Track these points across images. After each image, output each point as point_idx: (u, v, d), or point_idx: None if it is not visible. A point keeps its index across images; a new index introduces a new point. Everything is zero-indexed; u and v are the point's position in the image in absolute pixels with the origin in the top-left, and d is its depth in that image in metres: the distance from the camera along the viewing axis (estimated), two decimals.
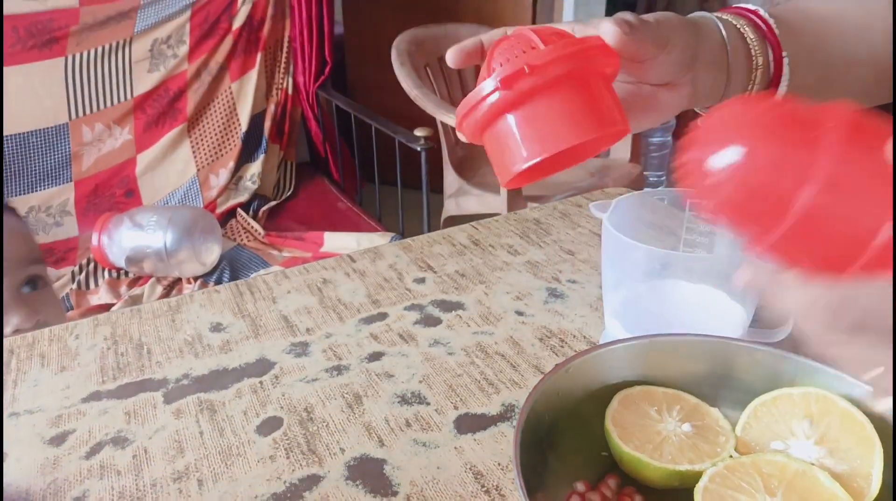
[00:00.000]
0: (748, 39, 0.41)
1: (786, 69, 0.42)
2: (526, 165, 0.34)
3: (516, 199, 1.66)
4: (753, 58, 0.41)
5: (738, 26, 0.42)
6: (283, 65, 2.09)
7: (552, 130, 0.34)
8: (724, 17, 0.42)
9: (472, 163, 2.00)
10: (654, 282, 0.46)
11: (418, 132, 1.66)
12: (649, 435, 0.37)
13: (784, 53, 0.42)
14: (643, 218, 0.51)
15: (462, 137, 0.38)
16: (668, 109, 0.40)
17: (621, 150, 1.97)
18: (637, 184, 1.87)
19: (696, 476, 0.35)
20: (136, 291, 1.63)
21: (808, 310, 0.26)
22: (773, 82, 0.43)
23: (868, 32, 0.45)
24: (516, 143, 0.34)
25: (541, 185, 1.90)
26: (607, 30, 0.35)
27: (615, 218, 0.46)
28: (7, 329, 0.68)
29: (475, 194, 1.83)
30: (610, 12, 2.68)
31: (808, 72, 0.44)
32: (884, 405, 0.34)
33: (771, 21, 0.42)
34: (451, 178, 1.94)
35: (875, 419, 0.35)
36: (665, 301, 0.47)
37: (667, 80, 0.39)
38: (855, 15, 0.45)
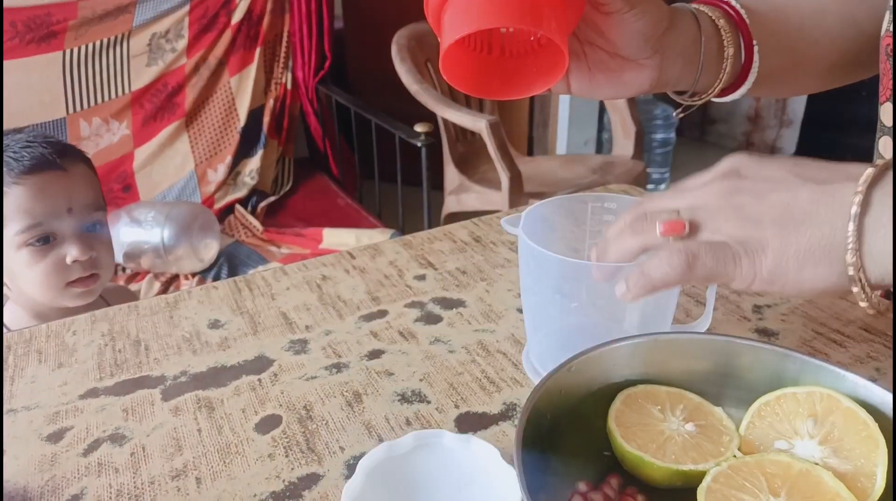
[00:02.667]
0: (721, 29, 0.44)
1: (756, 56, 0.45)
2: (452, 39, 0.35)
3: (517, 195, 1.66)
4: (725, 48, 0.44)
5: (713, 17, 0.44)
6: (282, 60, 2.08)
7: (484, 9, 0.35)
8: (701, 8, 0.45)
9: (472, 159, 1.99)
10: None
11: (418, 128, 1.65)
12: (652, 435, 0.37)
13: (754, 42, 0.45)
14: (564, 225, 0.48)
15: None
16: (631, 87, 0.43)
17: (624, 146, 1.97)
18: (640, 180, 1.87)
19: (700, 476, 0.34)
20: (134, 287, 1.63)
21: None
22: (743, 69, 0.46)
23: (823, 18, 0.48)
24: (452, 18, 0.36)
25: (542, 182, 1.90)
26: None
27: (531, 229, 0.44)
28: (68, 259, 0.78)
29: (476, 191, 1.83)
30: None
31: (775, 58, 0.46)
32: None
33: (742, 11, 0.44)
34: (451, 174, 1.93)
35: (879, 418, 0.34)
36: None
37: (631, 51, 0.41)
38: (811, 1, 0.48)
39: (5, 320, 0.84)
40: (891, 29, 0.46)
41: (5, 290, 0.83)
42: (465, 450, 0.35)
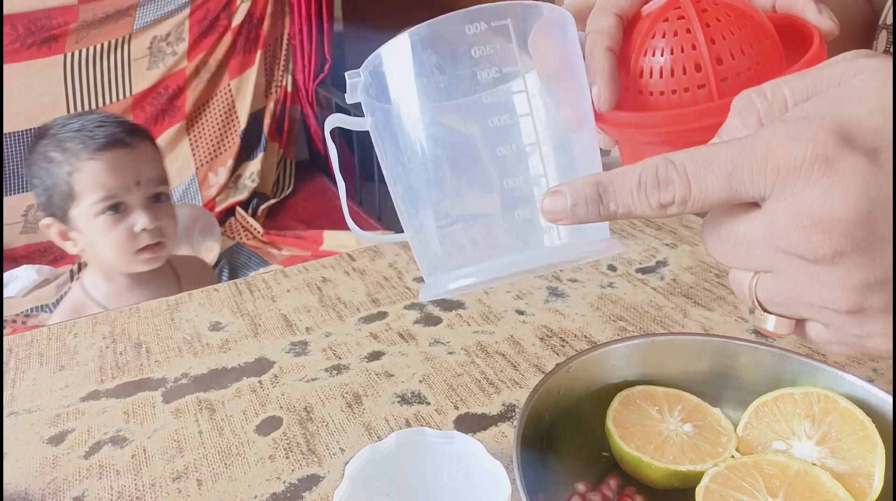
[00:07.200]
0: None
1: None
2: None
3: None
4: None
5: None
6: (282, 62, 2.09)
7: None
8: None
9: None
10: None
11: None
12: (650, 435, 0.37)
13: None
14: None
15: None
16: None
17: None
18: None
19: (698, 477, 0.34)
20: None
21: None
22: None
23: None
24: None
25: None
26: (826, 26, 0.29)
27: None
28: (137, 228, 0.88)
29: None
30: None
31: None
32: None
33: None
34: None
35: (877, 418, 0.35)
36: None
37: None
38: None
39: (85, 284, 0.96)
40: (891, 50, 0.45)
41: (84, 256, 0.95)
42: (449, 445, 0.36)
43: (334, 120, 0.31)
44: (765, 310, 0.24)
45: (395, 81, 0.29)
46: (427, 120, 0.28)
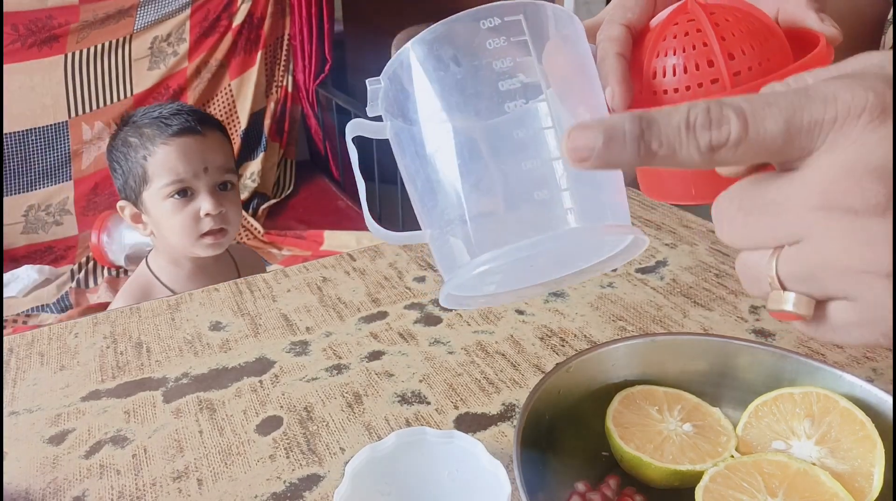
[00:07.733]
0: None
1: None
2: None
3: None
4: None
5: None
6: (283, 63, 2.09)
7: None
8: None
9: None
10: None
11: None
12: (650, 435, 0.37)
13: None
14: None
15: None
16: None
17: None
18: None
19: (697, 476, 0.35)
20: None
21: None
22: None
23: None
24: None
25: None
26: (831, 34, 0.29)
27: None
28: (202, 212, 0.92)
29: None
30: None
31: None
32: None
33: None
34: None
35: (876, 418, 0.35)
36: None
37: None
38: None
39: (152, 266, 1.00)
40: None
41: (152, 239, 0.99)
42: (449, 445, 0.36)
43: (355, 127, 0.32)
44: (784, 288, 0.22)
45: (414, 78, 0.30)
46: (445, 114, 0.29)
